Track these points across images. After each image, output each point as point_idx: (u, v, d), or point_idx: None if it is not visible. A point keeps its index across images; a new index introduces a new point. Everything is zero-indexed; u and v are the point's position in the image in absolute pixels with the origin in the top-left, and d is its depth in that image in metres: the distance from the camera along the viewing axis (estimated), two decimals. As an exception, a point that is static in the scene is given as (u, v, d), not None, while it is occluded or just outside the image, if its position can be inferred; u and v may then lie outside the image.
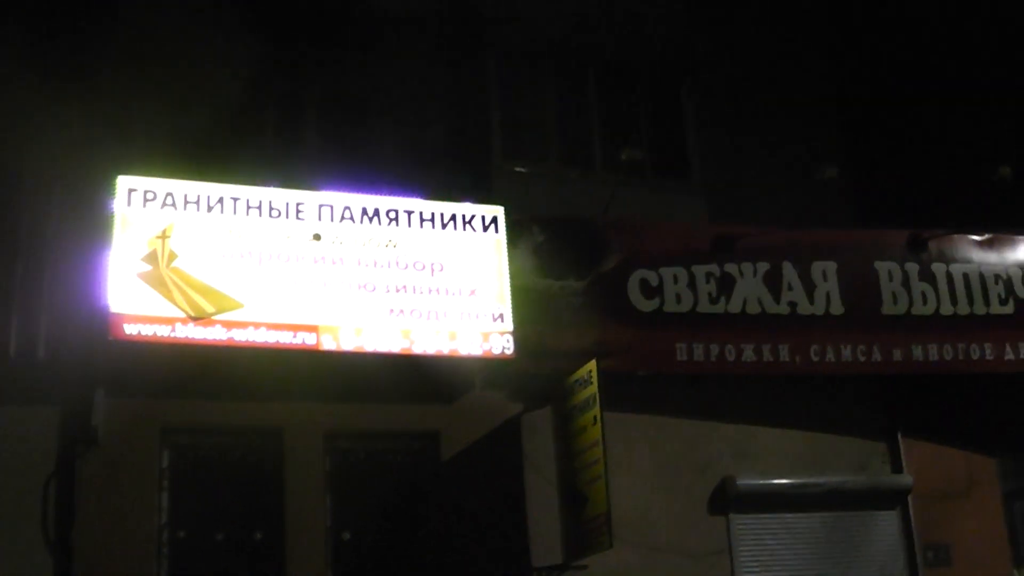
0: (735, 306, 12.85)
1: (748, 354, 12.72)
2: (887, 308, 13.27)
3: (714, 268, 12.92)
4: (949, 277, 13.58)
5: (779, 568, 12.63)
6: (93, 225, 11.24)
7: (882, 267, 13.41)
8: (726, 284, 12.91)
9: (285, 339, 11.23)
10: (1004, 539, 13.64)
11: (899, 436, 13.45)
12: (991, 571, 13.31)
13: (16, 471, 10.89)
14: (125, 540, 10.94)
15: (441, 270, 11.88)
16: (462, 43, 13.54)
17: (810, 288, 13.12)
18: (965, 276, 13.62)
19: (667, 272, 12.79)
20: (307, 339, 11.29)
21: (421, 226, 12.00)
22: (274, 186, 11.75)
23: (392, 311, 11.61)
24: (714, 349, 12.64)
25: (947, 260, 13.68)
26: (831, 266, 13.21)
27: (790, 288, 13.06)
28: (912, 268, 13.50)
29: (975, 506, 13.54)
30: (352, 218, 11.83)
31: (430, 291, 11.79)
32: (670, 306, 12.71)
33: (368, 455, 11.89)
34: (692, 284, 12.83)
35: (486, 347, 11.78)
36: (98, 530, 10.88)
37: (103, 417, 11.08)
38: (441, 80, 13.32)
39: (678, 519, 12.39)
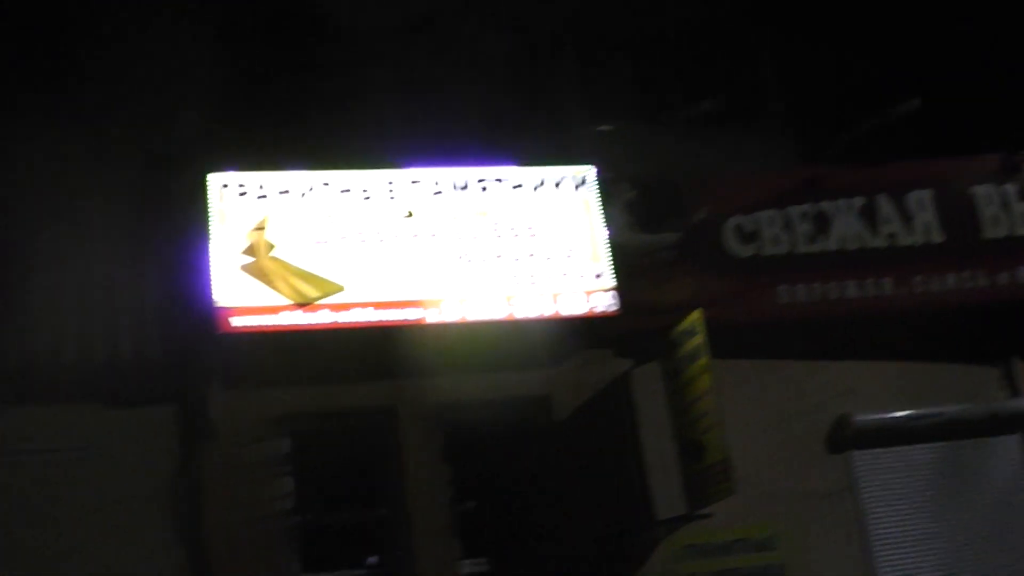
0: (833, 243, 12.77)
1: (851, 290, 12.63)
2: (988, 232, 13.11)
3: (808, 208, 12.84)
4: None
5: (902, 502, 12.51)
6: (191, 224, 11.37)
7: (979, 191, 13.25)
8: (822, 222, 12.83)
9: (390, 317, 11.32)
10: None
11: (1013, 360, 13.25)
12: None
13: (139, 472, 11.06)
14: (254, 529, 11.07)
15: (537, 234, 11.93)
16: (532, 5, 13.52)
17: (908, 218, 13.00)
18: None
19: (762, 216, 12.74)
20: (412, 315, 11.39)
21: (512, 192, 12.05)
22: (362, 168, 11.84)
23: (492, 279, 11.66)
24: (816, 289, 12.56)
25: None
26: (927, 195, 13.08)
27: (887, 220, 12.96)
28: (1009, 190, 13.32)
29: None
30: (443, 192, 11.90)
31: (528, 256, 11.85)
32: (768, 249, 12.66)
33: (482, 424, 11.93)
34: (788, 226, 12.77)
35: (589, 306, 11.80)
36: (226, 522, 11.02)
37: (220, 411, 11.24)
38: (516, 45, 13.31)
39: (796, 461, 12.30)
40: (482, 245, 11.79)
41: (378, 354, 11.43)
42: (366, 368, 11.46)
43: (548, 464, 11.85)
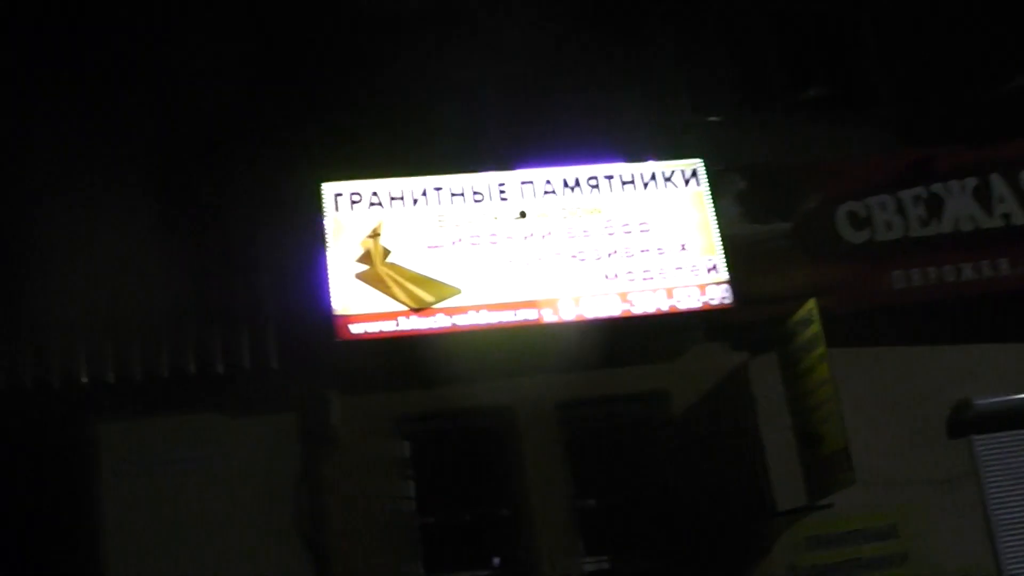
0: (947, 226, 12.67)
1: (967, 273, 12.52)
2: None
3: (920, 191, 12.73)
4: None
5: (1026, 483, 12.42)
6: (305, 233, 11.50)
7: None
8: (935, 205, 12.72)
9: (506, 318, 11.40)
10: None
11: None
12: None
13: (261, 479, 11.26)
14: (377, 532, 11.22)
15: (649, 229, 11.93)
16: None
17: (1022, 198, 12.83)
18: None
19: (873, 201, 12.66)
20: (528, 315, 11.45)
21: (623, 189, 12.06)
22: (473, 171, 11.91)
23: (607, 276, 11.71)
24: (932, 272, 12.45)
25: None
26: (1044, 173, 12.93)
27: (1001, 200, 12.81)
28: (1123, 163, 13.11)
29: None
30: (554, 191, 11.93)
31: (641, 251, 11.85)
32: (881, 235, 12.58)
33: (601, 421, 12.02)
34: (900, 210, 12.67)
35: (704, 299, 11.80)
36: (350, 526, 11.18)
37: (340, 416, 11.38)
38: (617, 44, 13.28)
39: (916, 448, 12.21)
40: (595, 242, 11.81)
41: (495, 355, 11.47)
42: (484, 369, 11.50)
43: (668, 459, 11.87)
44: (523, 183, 11.93)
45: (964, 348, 12.60)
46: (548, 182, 11.96)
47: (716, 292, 11.83)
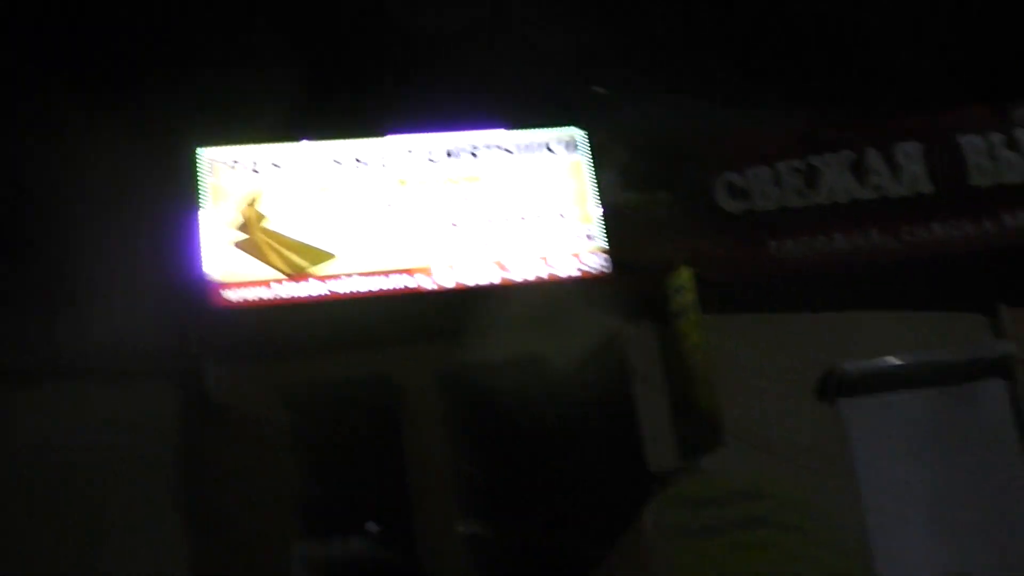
0: (823, 197, 12.86)
1: (840, 243, 12.74)
2: (974, 180, 13.18)
3: (799, 163, 12.93)
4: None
5: (892, 449, 12.62)
6: (181, 200, 11.45)
7: (965, 141, 13.29)
8: (812, 177, 12.91)
9: (385, 285, 11.45)
10: None
11: (1000, 307, 13.35)
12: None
13: (142, 450, 11.24)
14: (258, 502, 11.26)
15: (528, 198, 12.02)
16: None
17: (895, 170, 13.08)
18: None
19: (752, 172, 12.82)
20: (406, 282, 11.51)
21: (503, 157, 12.12)
22: (353, 137, 11.92)
23: (485, 244, 11.79)
24: (807, 242, 12.67)
25: (1031, 126, 13.54)
26: (915, 147, 13.14)
27: (876, 173, 13.04)
28: (997, 138, 13.37)
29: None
30: (434, 159, 11.98)
31: (519, 219, 11.96)
32: (759, 205, 12.75)
33: (479, 388, 12.07)
34: (778, 181, 12.85)
35: (582, 267, 11.92)
36: (231, 497, 11.21)
37: (217, 384, 11.38)
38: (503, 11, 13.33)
39: (788, 413, 12.37)
40: (474, 210, 11.88)
41: (374, 323, 11.52)
42: (363, 337, 11.55)
43: (546, 424, 11.99)
44: (404, 150, 11.95)
45: (838, 316, 12.82)
46: (428, 150, 12.00)
47: (594, 260, 11.95)
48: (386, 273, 11.48)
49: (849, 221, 12.82)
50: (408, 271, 11.55)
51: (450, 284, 11.60)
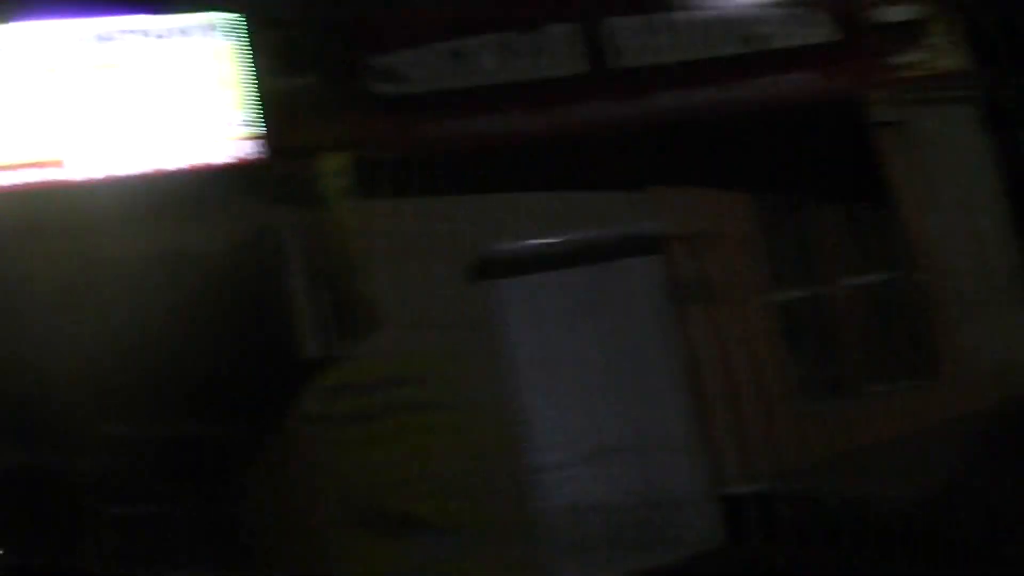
0: (474, 80, 13.00)
1: (494, 124, 12.96)
2: (625, 60, 13.53)
3: (451, 45, 13.01)
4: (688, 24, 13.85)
5: (546, 328, 13.10)
6: None
7: (616, 21, 13.59)
8: (463, 59, 13.02)
9: (26, 177, 11.08)
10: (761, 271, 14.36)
11: (650, 186, 13.84)
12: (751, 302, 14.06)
13: None
14: None
15: (173, 84, 11.74)
16: None
17: (546, 51, 13.30)
18: (704, 21, 13.90)
19: (405, 54, 12.85)
20: (50, 174, 11.17)
21: (144, 42, 11.76)
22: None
23: (133, 133, 11.51)
24: (460, 124, 12.84)
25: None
26: (566, 27, 13.38)
27: (527, 54, 13.24)
28: (649, 19, 13.71)
29: (732, 243, 14.16)
30: (71, 45, 11.50)
31: (169, 107, 11.69)
32: (411, 87, 12.81)
33: (130, 282, 11.80)
34: (430, 63, 12.92)
35: (234, 154, 11.80)
36: None
37: None
38: None
39: (443, 295, 12.68)
40: (121, 99, 11.57)
41: (15, 219, 11.15)
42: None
43: (196, 320, 11.89)
44: (33, 37, 11.46)
45: (491, 197, 13.09)
46: (63, 35, 11.52)
47: (247, 146, 11.84)
48: (30, 165, 11.08)
49: (502, 102, 13.02)
50: (55, 163, 11.18)
51: (100, 175, 11.29)
